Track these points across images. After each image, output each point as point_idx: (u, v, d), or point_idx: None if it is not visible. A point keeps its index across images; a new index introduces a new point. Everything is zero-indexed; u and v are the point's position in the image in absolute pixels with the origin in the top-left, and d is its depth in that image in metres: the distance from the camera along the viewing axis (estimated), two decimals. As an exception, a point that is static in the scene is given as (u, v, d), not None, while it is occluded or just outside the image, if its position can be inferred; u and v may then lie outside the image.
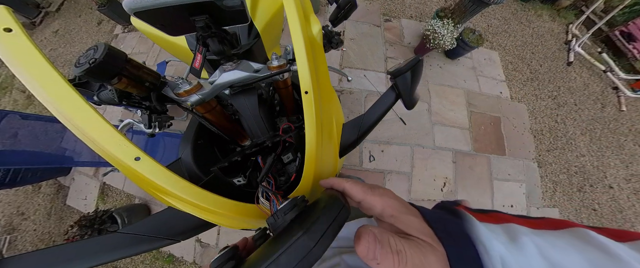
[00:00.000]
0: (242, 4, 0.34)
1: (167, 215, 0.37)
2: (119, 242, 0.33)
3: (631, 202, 1.78)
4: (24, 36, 0.26)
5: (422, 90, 1.96)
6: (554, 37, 2.41)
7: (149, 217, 0.38)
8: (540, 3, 2.58)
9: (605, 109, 2.09)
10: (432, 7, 2.41)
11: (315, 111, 0.32)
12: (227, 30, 0.42)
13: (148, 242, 0.34)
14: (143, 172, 0.28)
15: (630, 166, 1.89)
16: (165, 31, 0.38)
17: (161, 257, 1.62)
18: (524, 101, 2.06)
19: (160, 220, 0.37)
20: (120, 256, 0.32)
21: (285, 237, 0.18)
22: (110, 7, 2.20)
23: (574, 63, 2.26)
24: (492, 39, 2.32)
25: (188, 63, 0.59)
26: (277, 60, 0.41)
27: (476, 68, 2.13)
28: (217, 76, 0.42)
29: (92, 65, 0.28)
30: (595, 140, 1.97)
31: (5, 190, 1.90)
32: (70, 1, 2.82)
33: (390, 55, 2.10)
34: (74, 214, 1.79)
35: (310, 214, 0.21)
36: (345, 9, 0.61)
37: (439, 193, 1.66)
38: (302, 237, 0.17)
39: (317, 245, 0.17)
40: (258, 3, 0.73)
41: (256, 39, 0.62)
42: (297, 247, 0.17)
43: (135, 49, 2.29)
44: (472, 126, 1.88)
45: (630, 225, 1.71)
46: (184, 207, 0.32)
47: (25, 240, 1.81)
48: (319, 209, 0.21)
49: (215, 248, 1.58)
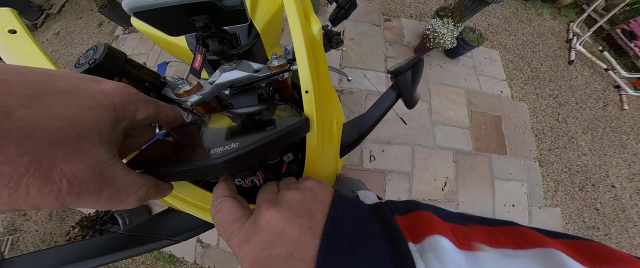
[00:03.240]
0: (241, 3, 0.34)
1: (168, 216, 0.38)
2: (120, 243, 0.33)
3: (634, 201, 1.77)
4: (29, 38, 0.26)
5: (423, 89, 1.96)
6: (555, 35, 2.40)
7: (150, 217, 0.38)
8: (540, 2, 2.57)
9: (607, 108, 2.08)
10: (432, 6, 2.41)
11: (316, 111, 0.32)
12: (227, 30, 0.42)
13: (149, 243, 0.34)
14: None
15: (632, 165, 1.88)
16: (165, 31, 0.38)
17: (162, 258, 1.63)
18: (525, 100, 2.05)
19: (161, 221, 0.37)
20: (121, 257, 0.32)
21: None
22: (111, 8, 2.21)
23: (575, 61, 2.25)
24: (493, 38, 2.31)
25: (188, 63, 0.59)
26: (277, 60, 0.41)
27: (477, 67, 2.12)
28: (217, 76, 0.42)
29: (92, 65, 0.28)
30: (597, 139, 1.96)
31: (7, 191, 1.90)
32: (71, 3, 2.83)
33: (390, 54, 2.09)
34: (76, 215, 1.80)
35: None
36: (345, 8, 0.61)
37: (439, 193, 1.66)
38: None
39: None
40: (258, 3, 0.73)
41: (256, 39, 0.62)
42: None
43: (135, 50, 2.30)
44: (473, 125, 1.88)
45: (633, 225, 1.70)
46: (184, 207, 0.32)
47: (27, 241, 1.82)
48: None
49: (216, 249, 1.59)
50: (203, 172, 0.19)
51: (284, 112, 0.31)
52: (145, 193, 0.17)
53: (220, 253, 1.58)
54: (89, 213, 1.45)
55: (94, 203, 0.14)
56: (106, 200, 0.14)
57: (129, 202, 0.16)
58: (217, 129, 0.29)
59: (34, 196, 0.11)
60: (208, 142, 0.24)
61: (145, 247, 0.34)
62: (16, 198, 0.11)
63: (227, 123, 0.30)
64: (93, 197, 0.13)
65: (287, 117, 0.28)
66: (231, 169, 0.20)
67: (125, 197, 0.15)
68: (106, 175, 0.14)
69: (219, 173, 0.20)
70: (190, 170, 0.20)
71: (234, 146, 0.20)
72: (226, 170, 0.19)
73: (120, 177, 0.15)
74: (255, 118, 0.30)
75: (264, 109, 0.34)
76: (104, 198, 0.14)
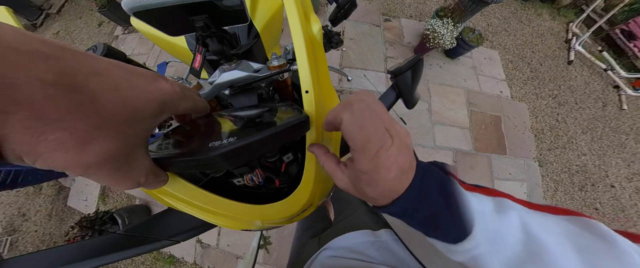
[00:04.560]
0: (241, 3, 0.34)
1: (168, 216, 0.37)
2: (120, 243, 0.33)
3: (633, 201, 1.77)
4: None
5: (422, 89, 1.96)
6: (554, 35, 2.41)
7: (150, 217, 0.38)
8: (540, 2, 2.57)
9: (606, 108, 2.09)
10: (432, 6, 2.41)
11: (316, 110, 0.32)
12: (226, 30, 0.42)
13: (148, 243, 0.34)
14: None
15: (632, 165, 1.88)
16: (165, 31, 0.38)
17: (162, 258, 1.63)
18: (524, 100, 2.05)
19: (161, 221, 0.37)
20: (120, 257, 0.32)
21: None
22: (111, 8, 2.21)
23: (575, 62, 2.26)
24: (492, 38, 2.31)
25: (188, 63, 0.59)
26: (276, 59, 0.41)
27: (476, 67, 2.12)
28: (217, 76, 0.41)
29: None
30: (597, 139, 1.96)
31: (6, 192, 1.90)
32: (71, 3, 2.83)
33: (390, 54, 2.10)
34: (75, 215, 1.79)
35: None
36: (345, 8, 0.61)
37: (439, 193, 1.66)
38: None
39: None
40: (258, 3, 0.73)
41: (256, 39, 0.62)
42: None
43: (135, 50, 2.30)
44: (473, 125, 1.88)
45: (633, 224, 1.70)
46: (183, 207, 0.32)
47: (26, 241, 1.81)
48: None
49: (216, 249, 1.58)
50: (201, 164, 0.20)
51: (285, 113, 0.31)
52: (144, 179, 0.18)
53: (220, 253, 1.58)
54: (88, 214, 1.44)
55: (106, 177, 0.15)
56: (116, 178, 0.15)
57: (127, 185, 0.17)
58: (218, 124, 0.29)
59: (64, 159, 0.12)
60: (208, 135, 0.24)
61: (145, 247, 0.34)
62: (51, 158, 0.12)
63: (228, 124, 0.30)
64: (108, 173, 0.14)
65: (287, 116, 0.28)
66: (229, 162, 0.20)
67: (131, 179, 0.16)
68: (131, 158, 0.15)
69: (217, 166, 0.20)
70: (188, 161, 0.20)
71: (232, 139, 0.20)
72: (224, 162, 0.19)
73: (138, 162, 0.16)
74: (256, 121, 0.30)
75: (265, 111, 0.34)
76: (116, 176, 0.15)
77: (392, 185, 0.19)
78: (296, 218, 0.37)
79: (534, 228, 0.17)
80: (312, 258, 0.45)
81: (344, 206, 0.68)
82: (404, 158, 0.19)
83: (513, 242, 0.17)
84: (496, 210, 0.19)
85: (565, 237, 0.17)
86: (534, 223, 0.18)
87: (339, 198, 0.77)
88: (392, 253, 0.39)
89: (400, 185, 0.19)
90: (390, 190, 0.19)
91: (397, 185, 0.19)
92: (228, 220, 0.33)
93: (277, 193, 0.38)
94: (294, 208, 0.33)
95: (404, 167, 0.19)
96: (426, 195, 0.19)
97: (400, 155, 0.18)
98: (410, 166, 0.19)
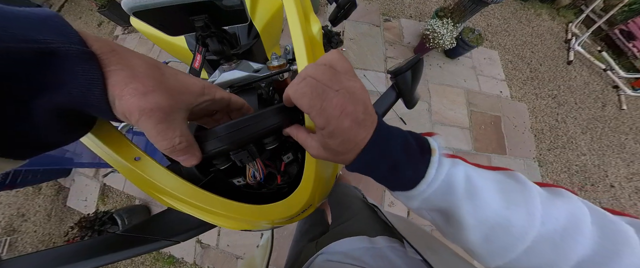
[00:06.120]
0: (241, 3, 0.34)
1: (167, 216, 0.37)
2: (119, 243, 0.33)
3: (633, 200, 1.77)
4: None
5: (422, 89, 1.96)
6: (554, 36, 2.41)
7: (149, 218, 0.38)
8: (539, 2, 2.58)
9: (606, 108, 2.09)
10: (432, 6, 2.41)
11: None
12: (226, 30, 0.42)
13: (148, 243, 0.34)
14: (143, 172, 0.28)
15: (631, 165, 1.89)
16: (165, 31, 0.38)
17: (161, 258, 1.62)
18: (524, 100, 2.06)
19: (160, 221, 0.37)
20: (120, 257, 0.32)
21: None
22: (110, 8, 2.20)
23: (574, 62, 2.26)
24: (492, 38, 2.32)
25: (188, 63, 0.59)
26: (276, 59, 0.41)
27: (476, 67, 2.13)
28: (217, 76, 0.41)
29: None
30: (596, 139, 1.96)
31: (5, 192, 1.90)
32: (70, 3, 2.83)
33: (389, 55, 2.10)
34: (74, 215, 1.79)
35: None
36: (344, 8, 0.61)
37: (439, 193, 1.66)
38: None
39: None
40: (258, 3, 0.73)
41: (256, 39, 0.62)
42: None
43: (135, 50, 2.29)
44: (473, 125, 1.88)
45: (632, 224, 1.70)
46: (183, 207, 0.31)
47: (26, 242, 1.81)
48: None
49: (216, 249, 1.58)
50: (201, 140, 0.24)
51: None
52: (179, 140, 0.21)
53: (219, 253, 1.57)
54: (88, 214, 1.44)
55: (151, 127, 0.19)
56: (158, 130, 0.20)
57: (167, 140, 0.21)
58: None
59: (131, 102, 0.18)
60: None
61: (145, 247, 0.34)
62: (125, 98, 0.18)
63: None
64: (154, 122, 0.19)
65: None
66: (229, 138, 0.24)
67: (170, 134, 0.21)
68: (171, 116, 0.20)
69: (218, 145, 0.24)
70: (222, 129, 0.24)
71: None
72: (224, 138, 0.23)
73: (177, 122, 0.21)
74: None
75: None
76: (159, 128, 0.20)
77: (350, 135, 0.21)
78: (296, 218, 0.37)
79: (474, 177, 0.23)
80: (309, 262, 0.45)
81: (342, 211, 0.68)
82: (353, 107, 0.20)
83: (457, 186, 0.22)
84: (449, 165, 0.23)
85: (493, 182, 0.23)
86: (474, 174, 0.23)
87: (337, 203, 0.77)
88: (387, 261, 0.39)
89: (360, 136, 0.21)
90: (350, 142, 0.21)
91: (355, 136, 0.21)
92: (228, 220, 0.33)
93: (277, 194, 0.38)
94: (294, 208, 0.33)
95: (355, 116, 0.20)
96: (388, 145, 0.22)
97: (349, 103, 0.20)
98: (364, 118, 0.21)
